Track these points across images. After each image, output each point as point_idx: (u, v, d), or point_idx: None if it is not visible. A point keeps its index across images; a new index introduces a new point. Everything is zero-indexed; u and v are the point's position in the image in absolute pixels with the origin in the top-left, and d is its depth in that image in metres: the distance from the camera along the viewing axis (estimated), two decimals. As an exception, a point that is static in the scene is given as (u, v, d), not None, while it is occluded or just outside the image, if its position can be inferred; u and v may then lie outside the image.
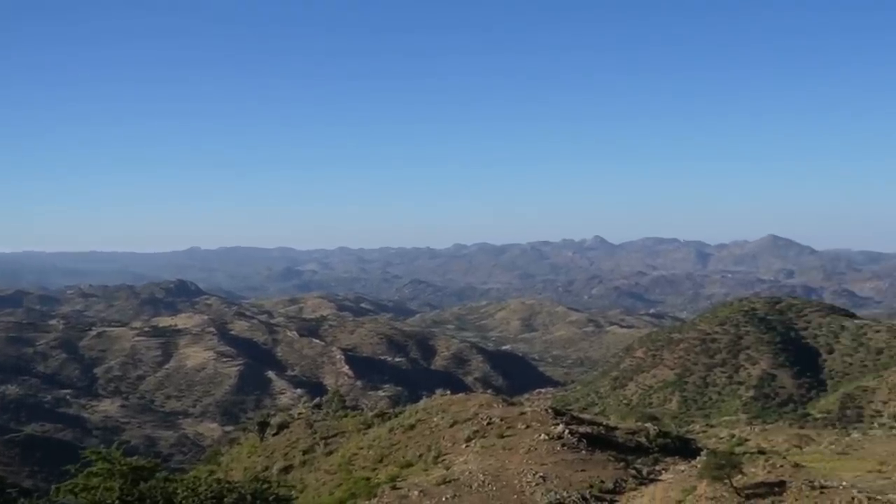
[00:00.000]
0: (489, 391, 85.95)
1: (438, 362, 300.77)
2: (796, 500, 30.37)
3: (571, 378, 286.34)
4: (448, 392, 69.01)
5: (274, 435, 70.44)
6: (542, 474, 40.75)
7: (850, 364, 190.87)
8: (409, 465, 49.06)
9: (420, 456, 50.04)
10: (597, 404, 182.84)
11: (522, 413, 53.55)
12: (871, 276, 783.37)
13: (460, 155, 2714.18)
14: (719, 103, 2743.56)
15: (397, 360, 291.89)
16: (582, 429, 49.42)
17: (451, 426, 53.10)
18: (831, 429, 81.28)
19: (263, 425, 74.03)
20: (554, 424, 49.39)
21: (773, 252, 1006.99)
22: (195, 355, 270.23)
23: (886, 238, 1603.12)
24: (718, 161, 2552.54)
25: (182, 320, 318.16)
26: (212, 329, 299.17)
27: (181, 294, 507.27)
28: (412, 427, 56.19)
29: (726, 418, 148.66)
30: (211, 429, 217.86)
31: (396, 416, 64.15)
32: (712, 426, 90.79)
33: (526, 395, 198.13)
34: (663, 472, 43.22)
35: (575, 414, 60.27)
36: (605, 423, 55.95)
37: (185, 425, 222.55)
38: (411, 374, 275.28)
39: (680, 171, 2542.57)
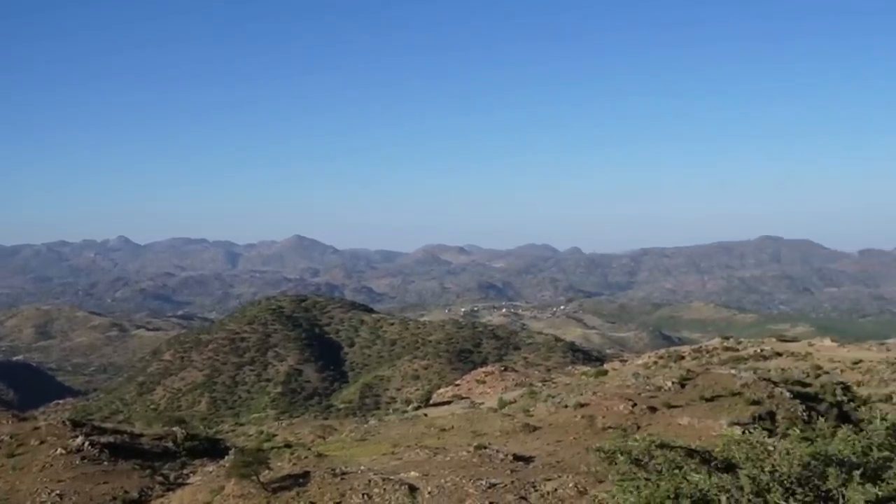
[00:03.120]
0: (-3, 407, 77.30)
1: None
2: (319, 488, 31.34)
3: (94, 386, 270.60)
4: (-56, 412, 60.43)
5: None
6: (58, 492, 37.44)
7: (369, 356, 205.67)
8: None
9: None
10: (122, 412, 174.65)
11: (36, 428, 48.82)
12: (387, 274, 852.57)
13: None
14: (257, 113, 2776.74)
15: None
16: (104, 439, 46.45)
17: (-55, 451, 46.63)
18: (352, 417, 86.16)
19: None
20: (72, 437, 45.77)
21: (299, 252, 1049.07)
22: None
23: (399, 238, 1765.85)
24: (243, 161, 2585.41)
25: None
26: None
27: None
28: None
29: (255, 415, 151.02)
30: None
31: None
32: (242, 424, 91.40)
33: (42, 409, 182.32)
34: (192, 475, 42.23)
35: (97, 424, 56.50)
36: (130, 430, 53.20)
37: None
38: None
39: (205, 169, 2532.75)
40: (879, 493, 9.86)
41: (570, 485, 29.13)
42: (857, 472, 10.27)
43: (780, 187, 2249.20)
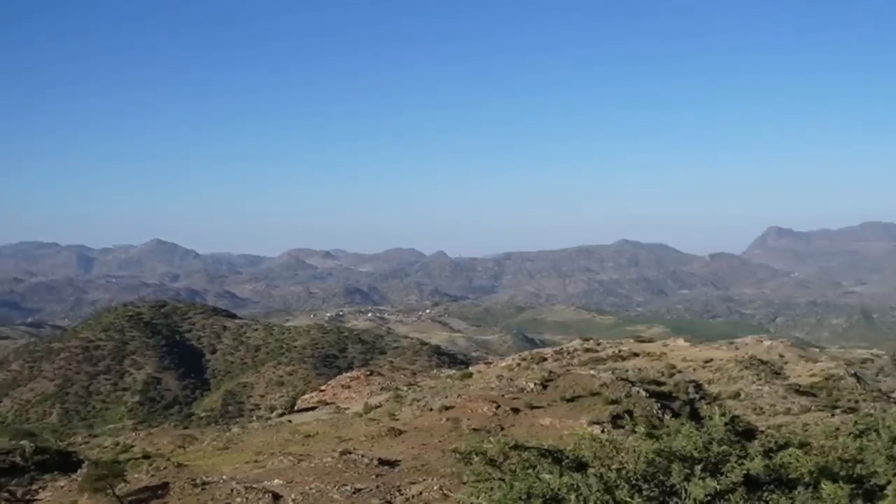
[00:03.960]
0: None
1: None
2: (179, 499, 30.58)
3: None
4: None
5: None
6: None
7: (232, 362, 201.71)
8: None
9: None
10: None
11: None
12: (251, 279, 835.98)
13: None
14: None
15: None
16: (-56, 456, 43.92)
17: None
18: (214, 426, 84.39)
19: None
20: None
21: (159, 256, 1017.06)
22: None
23: (264, 242, 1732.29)
24: (97, 161, 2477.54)
25: None
26: None
27: None
28: None
29: (111, 426, 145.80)
30: None
31: None
32: (96, 436, 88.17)
33: None
34: (41, 490, 40.37)
35: (-64, 440, 53.33)
36: (-27, 446, 50.46)
37: None
38: None
39: (58, 169, 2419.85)
40: (718, 487, 10.49)
41: (435, 487, 29.49)
42: (698, 467, 10.90)
43: (637, 193, 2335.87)
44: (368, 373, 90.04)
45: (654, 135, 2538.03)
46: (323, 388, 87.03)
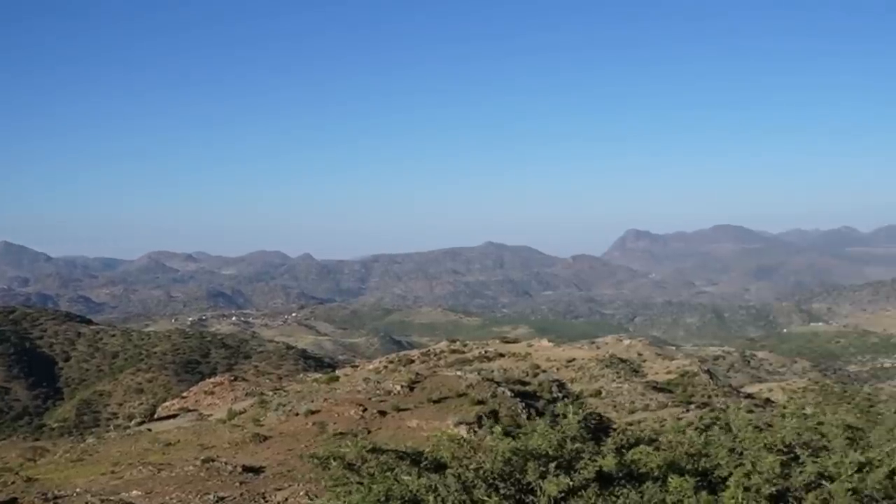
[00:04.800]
0: None
1: None
2: (30, 515, 29.30)
3: None
4: None
5: None
6: None
7: (87, 370, 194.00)
8: None
9: None
10: None
11: None
12: (107, 283, 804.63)
13: None
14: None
15: None
16: None
17: None
18: (68, 437, 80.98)
19: None
20: None
21: (6, 259, 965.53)
22: None
23: (121, 245, 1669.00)
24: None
25: None
26: None
27: None
28: None
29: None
30: None
31: None
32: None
33: None
34: None
35: None
36: None
37: None
38: None
39: None
40: (572, 483, 10.89)
41: (301, 493, 29.24)
42: (552, 465, 11.28)
43: (502, 195, 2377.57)
44: (232, 378, 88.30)
45: (516, 138, 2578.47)
46: (185, 394, 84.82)
